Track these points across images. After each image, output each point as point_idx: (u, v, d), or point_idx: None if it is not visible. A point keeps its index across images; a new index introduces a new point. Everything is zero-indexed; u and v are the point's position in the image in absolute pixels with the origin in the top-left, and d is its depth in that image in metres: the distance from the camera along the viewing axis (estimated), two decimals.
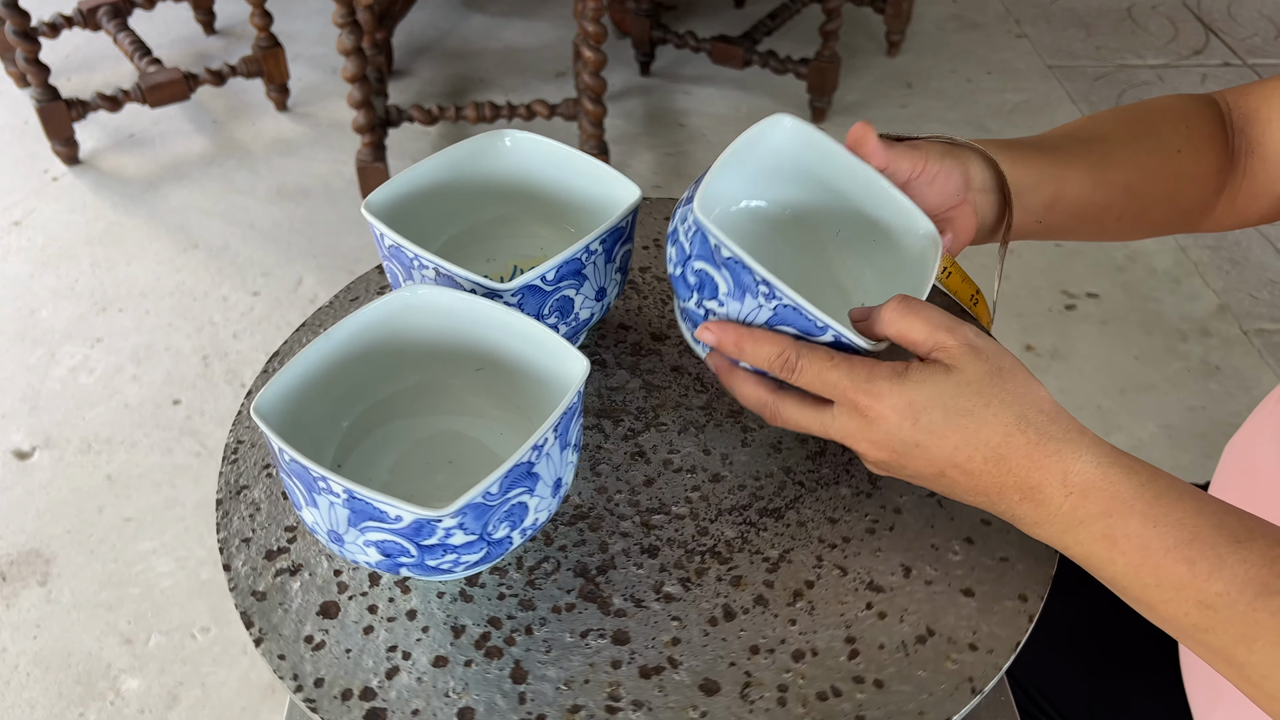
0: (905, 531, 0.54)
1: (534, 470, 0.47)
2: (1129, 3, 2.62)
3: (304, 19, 2.39)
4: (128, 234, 1.81)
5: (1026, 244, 1.85)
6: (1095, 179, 0.61)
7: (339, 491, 0.44)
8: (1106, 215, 0.63)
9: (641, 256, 0.72)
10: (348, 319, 0.53)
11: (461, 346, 0.55)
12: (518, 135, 0.65)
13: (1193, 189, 0.64)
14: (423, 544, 0.45)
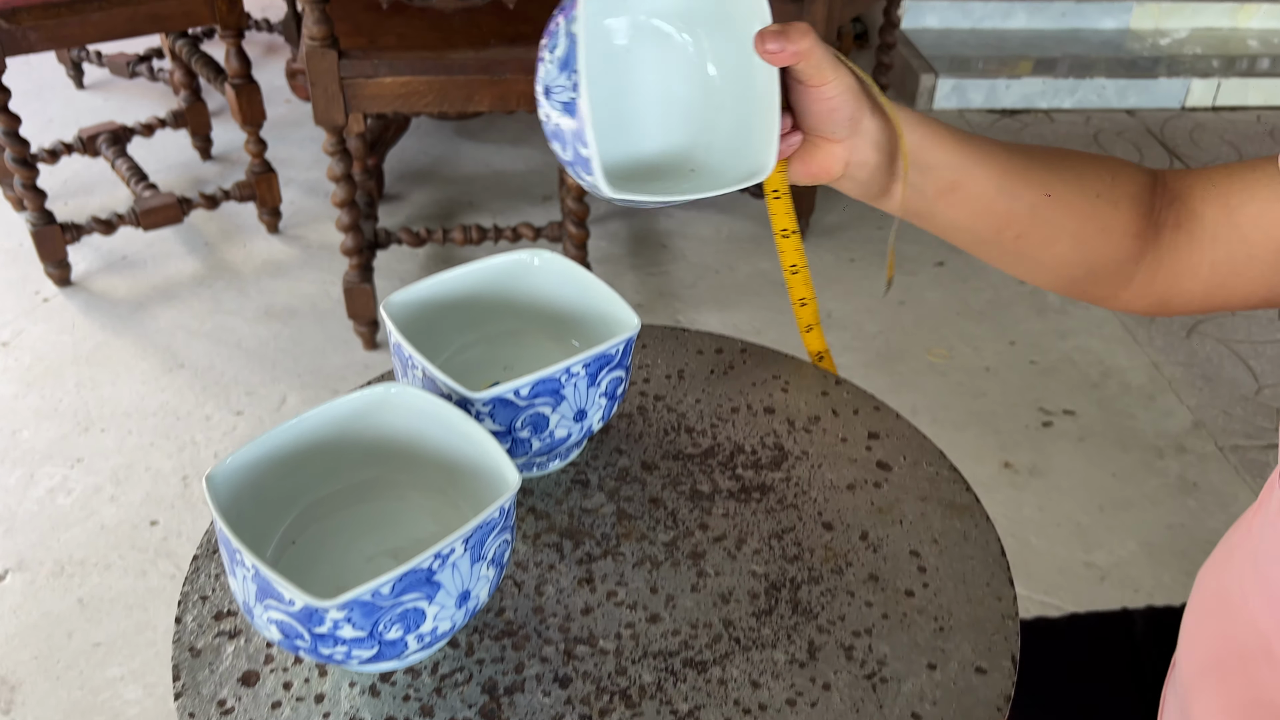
0: (827, 711, 0.52)
1: (435, 578, 0.48)
2: (1096, 128, 2.72)
3: (298, 145, 2.47)
4: (115, 354, 1.83)
5: (1003, 361, 1.88)
6: (1002, 185, 0.61)
7: (249, 565, 0.47)
8: (1007, 229, 0.63)
9: (661, 385, 0.73)
10: (324, 406, 0.56)
11: (427, 446, 0.58)
12: (546, 255, 0.68)
13: (1104, 239, 0.63)
14: (314, 631, 0.47)
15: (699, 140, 0.62)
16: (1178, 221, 0.62)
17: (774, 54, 0.56)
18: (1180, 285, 0.64)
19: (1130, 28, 3.07)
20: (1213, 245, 0.61)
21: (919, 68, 2.79)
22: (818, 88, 0.57)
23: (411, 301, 0.65)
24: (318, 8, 1.52)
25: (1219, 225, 0.61)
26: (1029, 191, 0.62)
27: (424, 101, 1.63)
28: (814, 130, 0.60)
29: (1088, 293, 0.67)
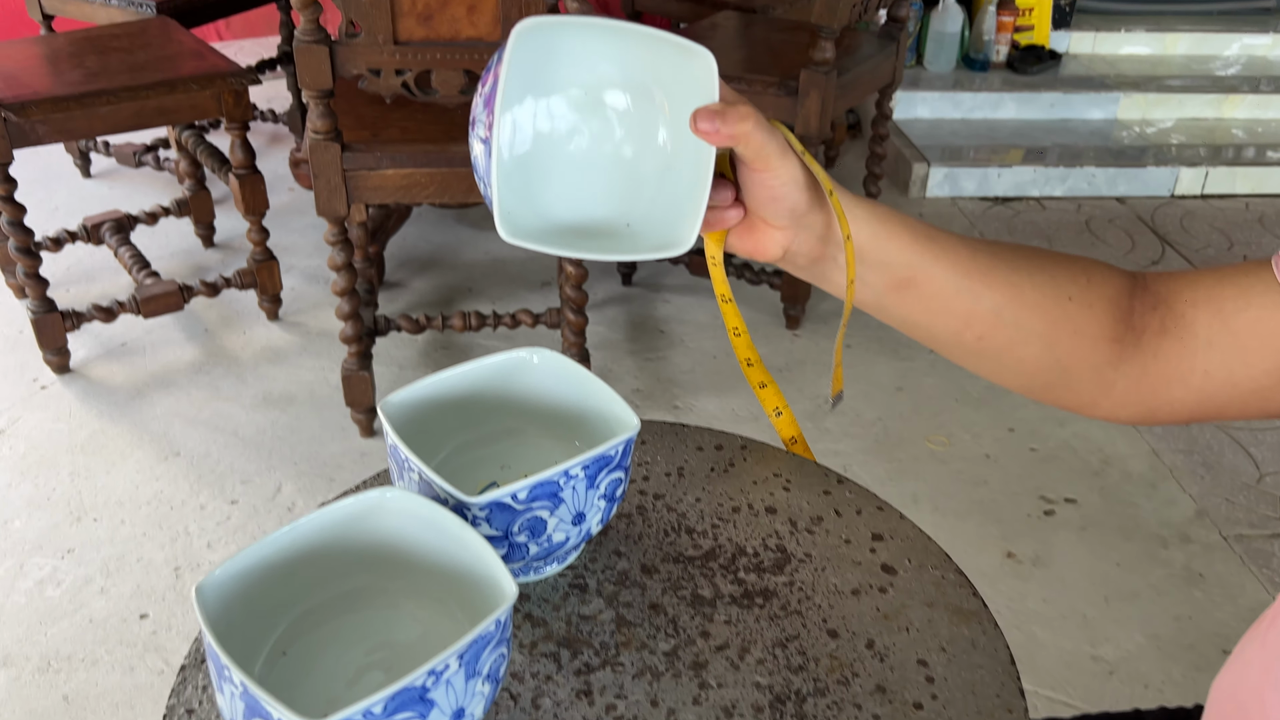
0: None
1: (428, 696, 0.46)
2: (1087, 215, 2.76)
3: (300, 232, 2.49)
4: (110, 442, 1.82)
5: (1002, 449, 1.88)
6: (962, 284, 0.59)
7: (237, 683, 0.46)
8: (967, 329, 0.60)
9: (661, 483, 0.73)
10: (318, 513, 0.56)
11: (423, 552, 0.57)
12: (545, 354, 0.68)
13: (1077, 343, 0.60)
14: None
15: (637, 203, 0.61)
16: (1163, 327, 0.60)
17: (707, 134, 0.54)
18: (1169, 394, 0.60)
19: (1118, 118, 3.13)
20: (1206, 353, 0.58)
21: (911, 157, 2.84)
22: (760, 173, 0.56)
23: (409, 401, 0.65)
24: (322, 103, 1.55)
25: (1212, 332, 0.58)
26: (992, 292, 0.59)
27: (426, 193, 1.65)
28: (755, 212, 0.58)
29: (1063, 400, 0.63)
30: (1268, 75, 3.26)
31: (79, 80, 1.82)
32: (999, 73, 3.17)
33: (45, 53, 1.97)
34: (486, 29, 1.52)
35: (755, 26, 2.26)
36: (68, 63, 1.91)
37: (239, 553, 0.53)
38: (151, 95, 1.82)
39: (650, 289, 2.33)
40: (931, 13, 3.10)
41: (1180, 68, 3.30)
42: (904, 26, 2.19)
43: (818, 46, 1.87)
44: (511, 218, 0.57)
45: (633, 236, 0.61)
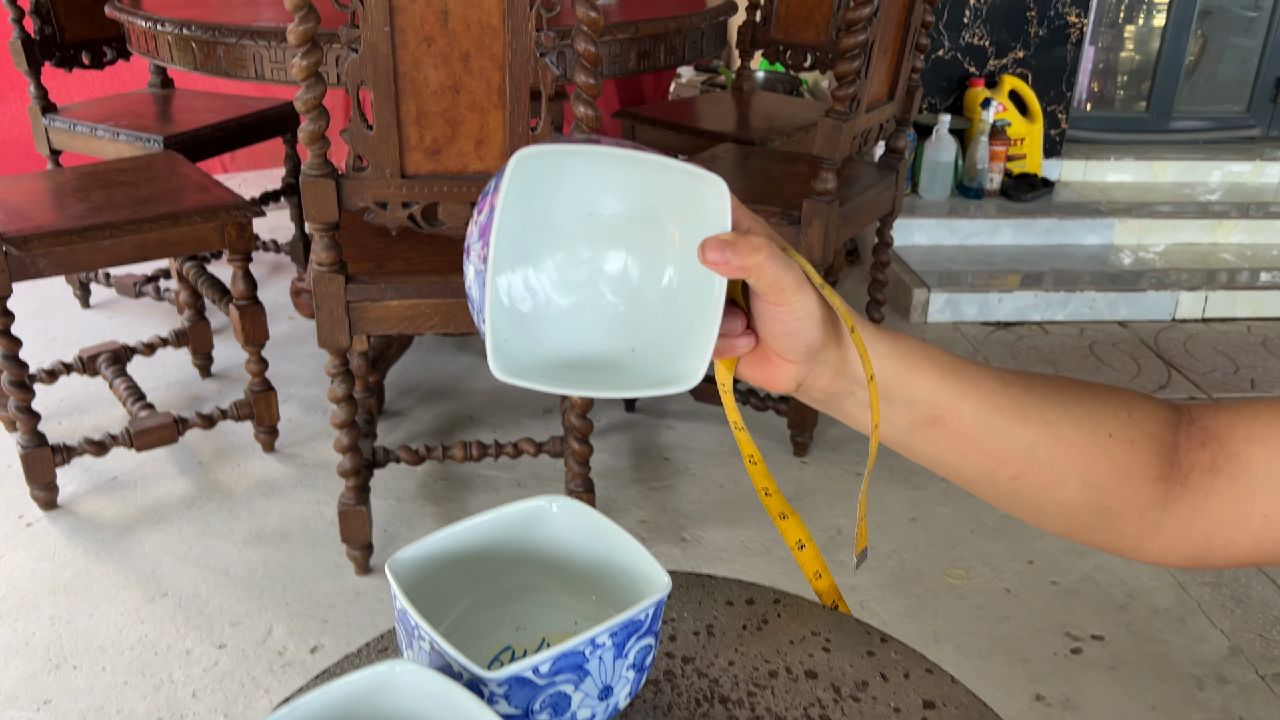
0: None
1: None
2: (1090, 340, 2.75)
3: (299, 361, 2.47)
4: (95, 582, 1.75)
5: (1023, 582, 1.81)
6: (995, 422, 0.54)
7: None
8: (1000, 469, 0.56)
9: (689, 644, 0.67)
10: (320, 692, 0.50)
11: None
12: (565, 502, 0.64)
13: (1119, 483, 0.55)
14: None
15: (641, 334, 0.57)
16: (1214, 464, 0.55)
17: (716, 265, 0.51)
18: (1224, 536, 0.56)
19: (1114, 243, 3.16)
20: (1265, 494, 0.54)
21: (912, 282, 2.85)
22: (774, 306, 0.52)
23: (418, 559, 0.60)
24: (327, 235, 1.54)
25: (1272, 471, 0.54)
26: (1027, 429, 0.55)
27: (430, 324, 1.63)
28: (767, 344, 0.54)
29: (1106, 542, 0.59)
30: (1256, 201, 3.31)
31: (82, 214, 1.82)
32: (994, 200, 3.22)
33: (50, 187, 1.97)
34: (494, 163, 1.53)
35: (754, 158, 2.29)
36: (72, 196, 1.91)
37: None
38: (155, 228, 1.82)
39: (654, 415, 2.30)
40: (925, 142, 3.17)
41: (1170, 194, 3.36)
42: (902, 157, 2.22)
43: (819, 177, 1.88)
44: (506, 351, 0.53)
45: (637, 371, 0.56)
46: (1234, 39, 3.64)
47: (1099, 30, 3.55)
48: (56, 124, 2.44)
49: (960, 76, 3.27)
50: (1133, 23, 3.58)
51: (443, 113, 1.48)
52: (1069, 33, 3.25)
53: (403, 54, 1.43)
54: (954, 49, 3.23)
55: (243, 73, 1.80)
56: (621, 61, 1.92)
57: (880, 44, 1.89)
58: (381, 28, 1.40)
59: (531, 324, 0.56)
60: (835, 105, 1.85)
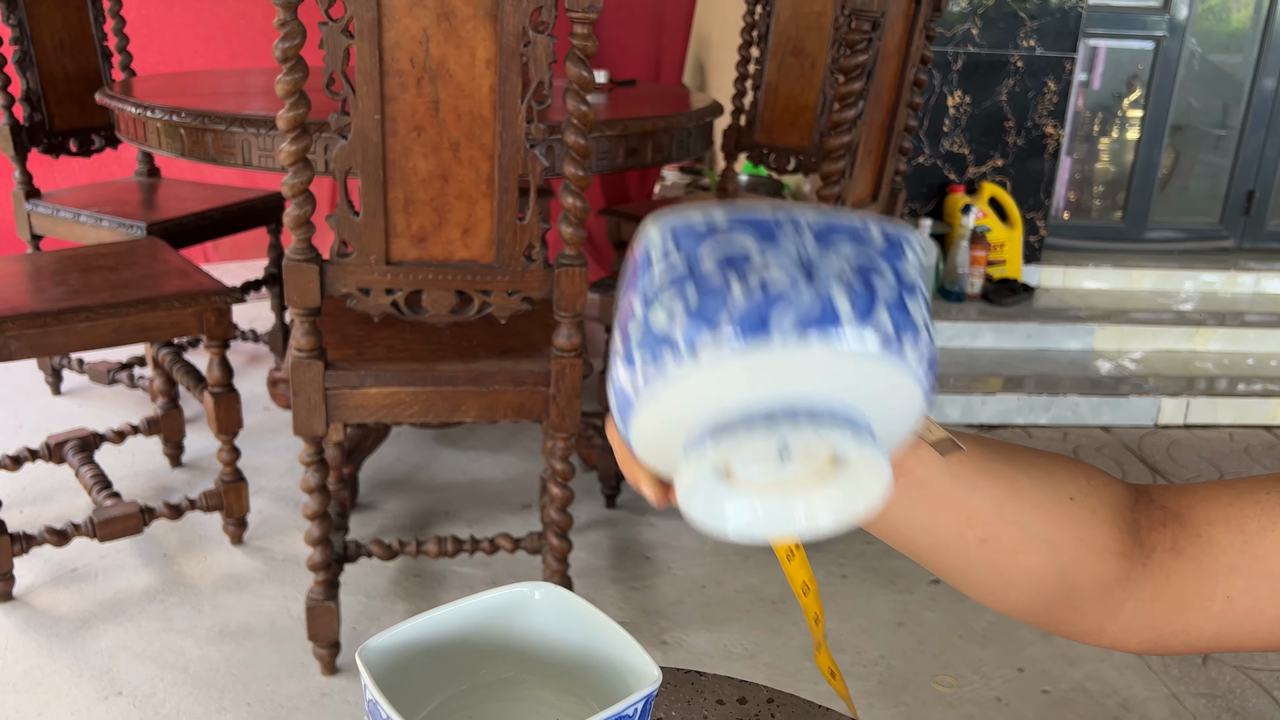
0: None
1: None
2: (1074, 444, 2.74)
3: (272, 453, 2.42)
4: (46, 679, 1.66)
5: (1013, 691, 1.75)
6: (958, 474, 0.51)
7: None
8: (970, 530, 0.52)
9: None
10: None
11: None
12: (548, 589, 0.60)
13: (1083, 553, 0.53)
14: None
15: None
16: (1175, 545, 0.54)
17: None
18: (1185, 620, 0.54)
19: (1094, 348, 3.18)
20: (1229, 578, 0.52)
21: None
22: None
23: (390, 647, 0.56)
24: (307, 320, 1.52)
25: (1234, 554, 0.52)
26: (991, 484, 0.52)
27: (409, 412, 1.60)
28: None
29: (1069, 622, 0.56)
30: (1232, 311, 3.35)
31: (59, 296, 1.79)
32: (974, 304, 3.25)
33: (28, 269, 1.95)
34: (480, 251, 1.52)
35: None
36: (49, 279, 1.89)
37: None
38: (132, 312, 1.79)
39: (635, 512, 2.25)
40: None
41: (1148, 302, 3.40)
42: None
43: None
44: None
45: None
46: (1205, 153, 3.74)
47: (1075, 142, 3.64)
48: (39, 209, 2.43)
49: (940, 183, 3.34)
50: (1107, 135, 3.68)
51: (430, 200, 1.48)
52: (1046, 143, 3.33)
53: (392, 142, 1.43)
54: (934, 156, 3.30)
55: (230, 159, 1.80)
56: (610, 158, 1.94)
57: (864, 145, 1.92)
58: (372, 115, 1.40)
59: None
60: (820, 204, 1.87)
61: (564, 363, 1.60)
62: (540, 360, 1.63)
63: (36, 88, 2.42)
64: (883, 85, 1.92)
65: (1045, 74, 3.25)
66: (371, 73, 1.38)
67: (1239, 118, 3.64)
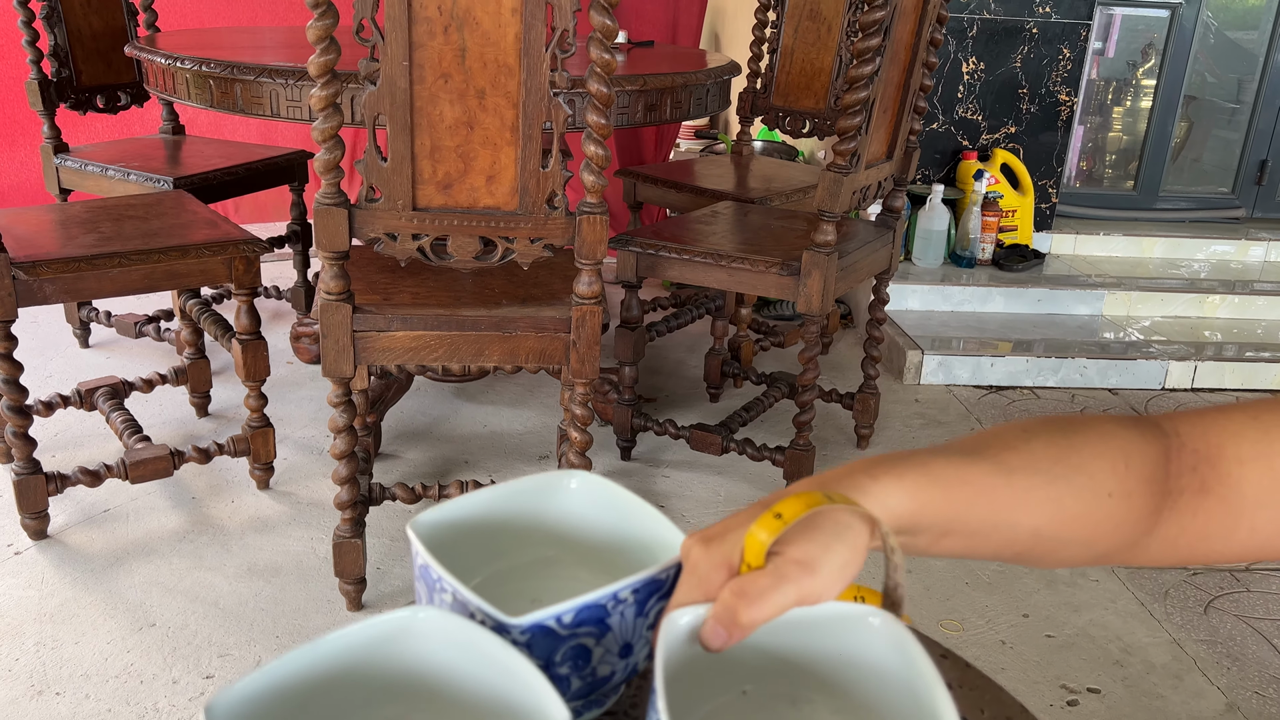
0: None
1: None
2: (1082, 405, 2.77)
3: (296, 404, 2.47)
4: (82, 610, 1.72)
5: (1018, 635, 1.80)
6: (1000, 521, 0.55)
7: None
8: (1006, 551, 0.57)
9: None
10: (342, 632, 0.50)
11: (457, 682, 0.51)
12: (584, 476, 0.64)
13: (1115, 535, 0.57)
14: None
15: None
16: (1204, 487, 0.57)
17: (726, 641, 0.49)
18: (1207, 549, 0.58)
19: (1104, 314, 3.21)
20: (1254, 511, 0.56)
21: (905, 345, 2.88)
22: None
23: (439, 523, 0.60)
24: (336, 264, 1.56)
25: (1262, 490, 0.55)
26: (1032, 518, 0.55)
27: (434, 355, 1.64)
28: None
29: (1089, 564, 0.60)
30: (1241, 279, 3.38)
31: (92, 243, 1.84)
32: (985, 269, 3.28)
33: (61, 219, 2.00)
34: (504, 198, 1.56)
35: (754, 214, 2.34)
36: (81, 227, 1.93)
37: (254, 672, 0.47)
38: (163, 259, 1.84)
39: (650, 464, 2.30)
40: (919, 211, 3.23)
41: (1158, 269, 3.42)
42: (900, 216, 2.27)
43: (819, 229, 1.92)
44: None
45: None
46: (1218, 123, 3.75)
47: (1088, 112, 3.65)
48: (67, 164, 2.48)
49: (953, 149, 3.36)
50: (1120, 104, 3.69)
51: (456, 148, 1.52)
52: (1059, 110, 3.34)
53: (419, 89, 1.47)
54: (948, 122, 3.32)
55: (259, 109, 1.84)
56: (629, 112, 1.98)
57: (880, 103, 1.95)
58: (400, 62, 1.44)
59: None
60: (836, 160, 1.90)
61: (584, 309, 1.65)
62: (561, 308, 1.68)
63: (64, 44, 2.46)
64: (899, 44, 1.95)
65: (1060, 41, 3.26)
66: (400, 19, 1.42)
67: (1252, 93, 3.64)
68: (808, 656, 0.53)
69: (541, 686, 0.47)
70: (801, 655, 0.53)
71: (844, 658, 0.53)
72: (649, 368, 2.82)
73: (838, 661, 0.53)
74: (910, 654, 0.50)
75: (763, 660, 0.53)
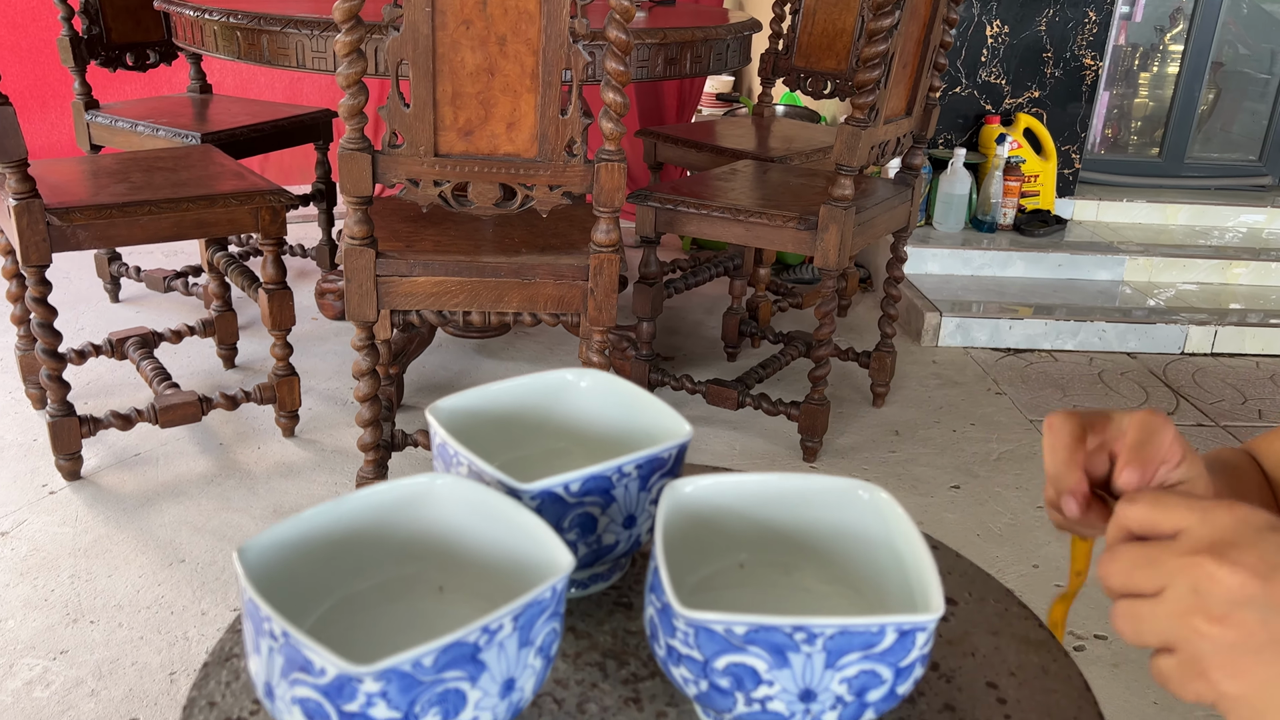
0: None
1: (480, 656, 0.44)
2: (1099, 368, 2.78)
3: (320, 357, 2.52)
4: (114, 547, 1.78)
5: (1027, 585, 1.83)
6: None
7: (277, 633, 0.43)
8: None
9: None
10: (366, 491, 0.54)
11: (472, 542, 0.55)
12: (595, 374, 0.67)
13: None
14: (343, 709, 0.42)
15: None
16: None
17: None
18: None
19: (1124, 279, 3.20)
20: None
21: (923, 306, 2.89)
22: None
23: (458, 409, 0.64)
24: (360, 209, 1.60)
25: None
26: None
27: (455, 300, 1.68)
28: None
29: None
30: (1267, 247, 3.35)
31: (123, 192, 1.88)
32: (1006, 234, 3.27)
33: (92, 169, 2.04)
34: (524, 145, 1.59)
35: (773, 171, 2.35)
36: (113, 178, 1.98)
37: (284, 521, 0.51)
38: (192, 208, 1.88)
39: None
40: (941, 175, 3.23)
41: (1182, 236, 3.41)
42: (918, 174, 2.28)
43: (837, 183, 1.94)
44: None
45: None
46: (1247, 89, 3.71)
47: (1114, 78, 3.63)
48: (98, 119, 2.52)
49: (976, 114, 3.35)
50: (1147, 70, 3.66)
51: (477, 94, 1.54)
52: (1084, 75, 3.32)
53: (441, 35, 1.50)
54: (971, 86, 3.31)
55: (285, 61, 1.87)
56: (649, 66, 1.99)
57: (900, 58, 1.96)
58: (423, 8, 1.47)
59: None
60: (854, 113, 1.91)
61: (602, 257, 1.68)
62: (579, 256, 1.71)
63: (95, 0, 2.50)
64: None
65: (1086, 4, 3.24)
66: None
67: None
68: (800, 529, 0.56)
69: (549, 538, 0.50)
70: (794, 528, 0.57)
71: (834, 529, 0.56)
72: (667, 328, 2.85)
73: (828, 533, 0.56)
74: (895, 522, 0.53)
75: (758, 532, 0.57)
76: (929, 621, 0.46)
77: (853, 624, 0.45)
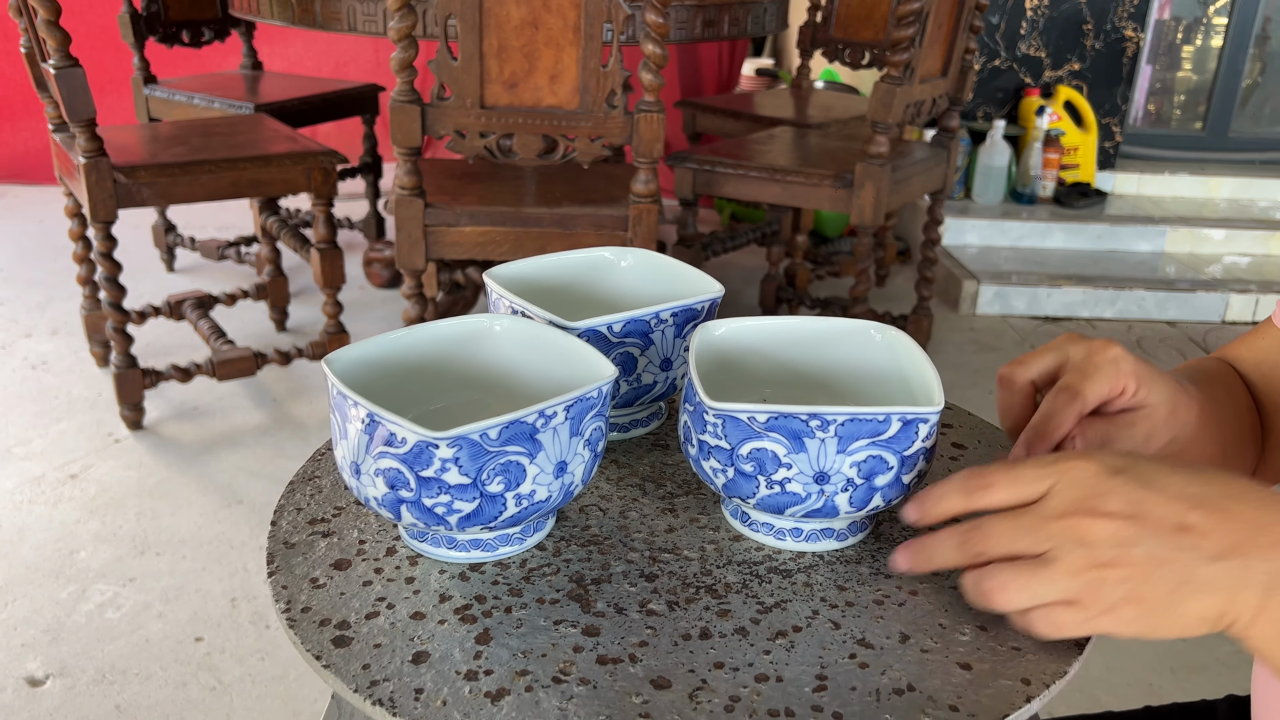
0: (915, 610, 0.51)
1: (537, 437, 0.49)
2: (1138, 335, 2.78)
3: (368, 323, 2.60)
4: (176, 489, 1.86)
5: None
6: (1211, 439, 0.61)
7: (363, 416, 0.49)
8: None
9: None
10: (430, 325, 0.59)
11: (525, 372, 0.60)
12: (636, 252, 0.72)
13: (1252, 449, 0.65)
14: (421, 475, 0.48)
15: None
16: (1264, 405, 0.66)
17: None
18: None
19: (1165, 250, 3.20)
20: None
21: (961, 275, 2.91)
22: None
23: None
24: (409, 160, 1.66)
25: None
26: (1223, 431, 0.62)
27: (500, 250, 1.74)
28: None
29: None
30: None
31: (183, 153, 1.97)
32: (1046, 206, 3.28)
33: (153, 134, 2.13)
34: (566, 97, 1.64)
35: (810, 136, 2.39)
36: (173, 141, 2.07)
37: (365, 341, 0.57)
38: (248, 167, 1.96)
39: None
40: (980, 148, 3.24)
41: (1225, 210, 3.39)
42: (954, 135, 2.30)
43: (873, 141, 1.97)
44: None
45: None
46: None
47: (1157, 51, 3.61)
48: (156, 93, 2.62)
49: (1016, 86, 3.35)
50: (1190, 43, 3.64)
51: (521, 47, 1.60)
52: (1125, 46, 3.32)
53: None
54: (1010, 59, 3.32)
55: (337, 25, 1.94)
56: (688, 27, 2.04)
57: (935, 17, 1.99)
58: None
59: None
60: (890, 71, 1.95)
61: (641, 208, 1.73)
62: (619, 207, 1.76)
63: None
64: None
65: None
66: None
67: None
68: (820, 367, 0.62)
69: (595, 356, 0.55)
70: (814, 366, 0.62)
71: (851, 366, 0.61)
72: None
73: (845, 371, 0.61)
74: (906, 355, 0.58)
75: (781, 370, 0.62)
76: (930, 413, 0.51)
77: (861, 412, 0.50)
